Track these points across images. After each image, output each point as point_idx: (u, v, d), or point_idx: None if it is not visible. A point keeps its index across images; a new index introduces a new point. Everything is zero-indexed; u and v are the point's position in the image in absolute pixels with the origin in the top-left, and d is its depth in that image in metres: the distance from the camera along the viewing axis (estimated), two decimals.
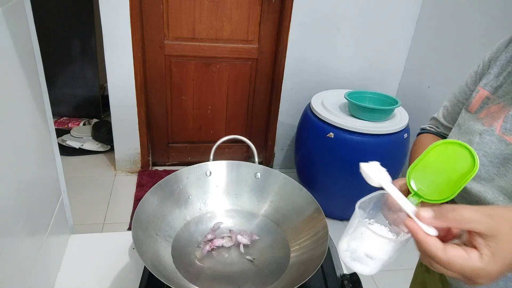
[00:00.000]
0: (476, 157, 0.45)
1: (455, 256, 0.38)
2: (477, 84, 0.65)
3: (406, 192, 0.50)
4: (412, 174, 0.50)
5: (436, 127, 0.80)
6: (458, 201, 0.61)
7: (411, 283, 0.86)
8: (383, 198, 0.52)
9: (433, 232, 0.41)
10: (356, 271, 0.49)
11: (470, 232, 0.40)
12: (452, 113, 0.74)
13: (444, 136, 0.77)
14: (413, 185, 0.49)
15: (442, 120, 0.78)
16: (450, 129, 0.74)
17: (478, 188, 0.56)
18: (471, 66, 0.70)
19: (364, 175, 0.50)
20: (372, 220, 0.52)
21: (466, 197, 0.59)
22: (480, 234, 0.38)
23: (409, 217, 0.44)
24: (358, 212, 0.49)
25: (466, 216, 0.39)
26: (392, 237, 0.50)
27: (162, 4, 2.03)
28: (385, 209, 0.51)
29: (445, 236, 0.42)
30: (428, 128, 0.81)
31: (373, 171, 0.50)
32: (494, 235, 0.37)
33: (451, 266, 0.39)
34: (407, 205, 0.45)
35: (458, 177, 0.46)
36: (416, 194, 0.49)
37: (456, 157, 0.47)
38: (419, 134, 0.83)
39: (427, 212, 0.41)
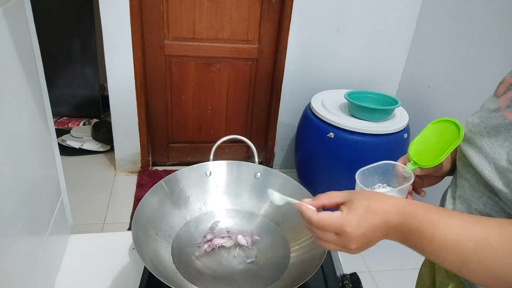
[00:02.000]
0: (462, 129, 0.60)
1: (323, 215, 0.51)
2: None
3: (408, 160, 0.66)
4: (412, 147, 0.66)
5: None
6: (459, 165, 0.64)
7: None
8: (387, 166, 0.68)
9: (313, 208, 0.54)
10: None
11: (338, 206, 0.53)
12: None
13: None
14: (412, 155, 0.65)
15: None
16: None
17: (470, 153, 0.60)
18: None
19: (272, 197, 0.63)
20: (385, 184, 0.68)
21: (464, 161, 0.63)
22: (342, 203, 0.53)
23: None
24: (357, 179, 0.65)
25: (332, 195, 0.54)
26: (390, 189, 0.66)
27: (162, 4, 2.03)
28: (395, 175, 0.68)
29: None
30: None
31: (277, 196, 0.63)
32: (350, 200, 0.52)
33: (322, 223, 0.51)
34: (293, 200, 0.58)
35: (447, 146, 0.61)
36: (413, 162, 0.64)
37: (447, 131, 0.63)
38: None
39: (308, 199, 0.56)
